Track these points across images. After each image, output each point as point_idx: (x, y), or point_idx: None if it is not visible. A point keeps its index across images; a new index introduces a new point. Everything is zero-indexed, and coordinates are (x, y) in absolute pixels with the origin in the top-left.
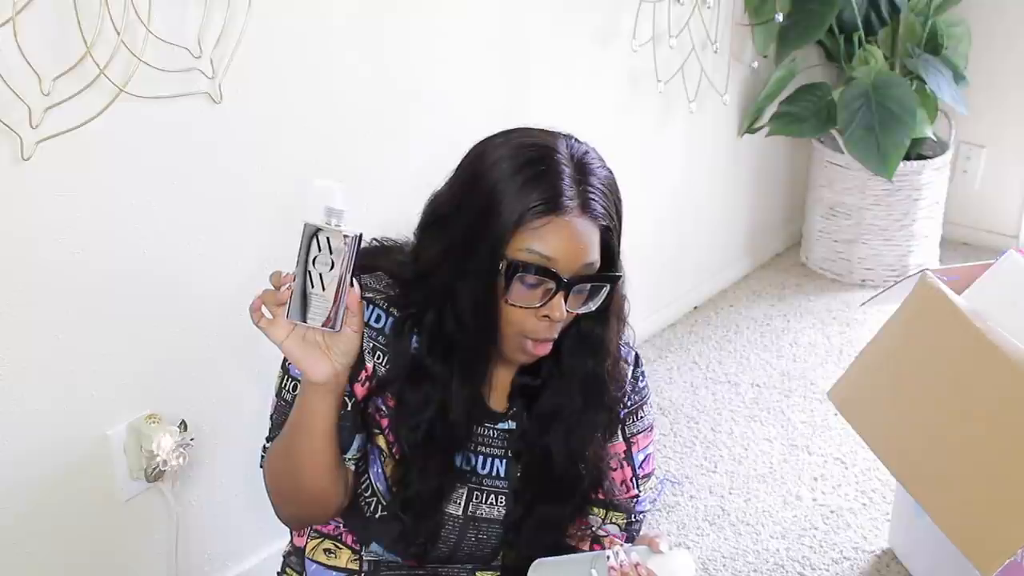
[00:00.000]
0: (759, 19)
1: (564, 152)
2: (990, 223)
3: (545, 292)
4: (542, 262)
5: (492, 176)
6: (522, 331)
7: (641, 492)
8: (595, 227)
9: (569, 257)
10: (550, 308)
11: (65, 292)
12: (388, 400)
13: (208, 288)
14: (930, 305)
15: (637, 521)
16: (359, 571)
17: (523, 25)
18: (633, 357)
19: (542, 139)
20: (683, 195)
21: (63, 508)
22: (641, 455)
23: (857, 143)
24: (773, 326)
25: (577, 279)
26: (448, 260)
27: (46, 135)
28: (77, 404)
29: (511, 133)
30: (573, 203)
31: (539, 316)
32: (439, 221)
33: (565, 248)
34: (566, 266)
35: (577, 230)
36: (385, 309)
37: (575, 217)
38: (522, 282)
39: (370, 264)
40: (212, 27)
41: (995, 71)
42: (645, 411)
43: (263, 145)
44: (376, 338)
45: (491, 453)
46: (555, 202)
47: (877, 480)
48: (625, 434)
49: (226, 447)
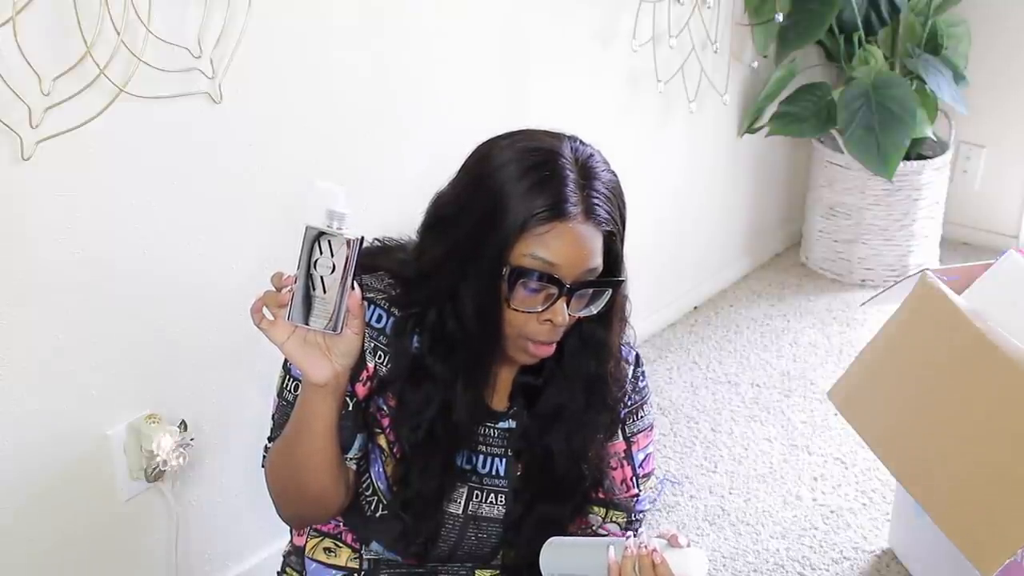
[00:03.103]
0: (759, 19)
1: (569, 156)
2: (990, 223)
3: (547, 297)
4: (545, 268)
5: (497, 179)
6: (524, 334)
7: (641, 491)
8: (598, 232)
9: (572, 263)
10: (552, 313)
11: (65, 292)
12: (389, 400)
13: (208, 288)
14: (930, 305)
15: (637, 520)
16: (359, 570)
17: (523, 25)
18: (634, 357)
19: (547, 142)
20: (683, 195)
21: (63, 508)
22: (641, 454)
23: (857, 143)
24: (773, 326)
25: (579, 284)
26: (451, 261)
27: (46, 135)
28: (77, 404)
29: (516, 135)
30: (577, 209)
31: (541, 320)
32: (442, 222)
33: (568, 254)
34: (569, 272)
35: (580, 236)
36: (386, 309)
37: (579, 223)
38: (525, 287)
39: (371, 264)
40: (212, 27)
41: (995, 71)
42: (645, 410)
43: (263, 145)
44: (377, 338)
45: (491, 452)
46: (559, 208)
47: (877, 480)
48: (625, 433)
49: (226, 447)
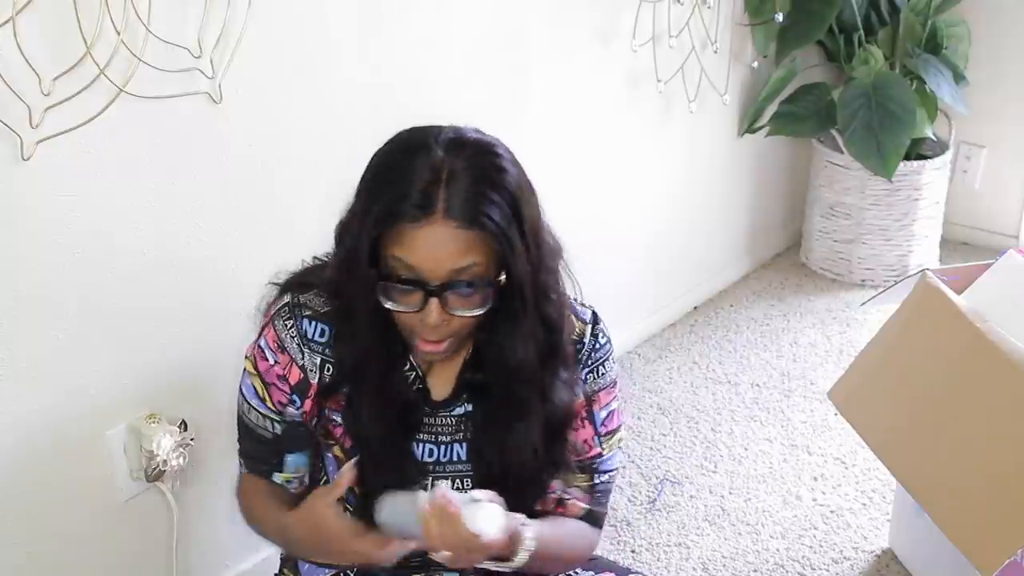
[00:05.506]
0: (759, 19)
1: (433, 153)
2: (990, 223)
3: (419, 297)
4: (405, 271)
5: (363, 182)
6: (412, 332)
7: (605, 450)
8: (467, 230)
9: (433, 262)
10: (424, 314)
11: (65, 292)
12: (338, 406)
13: (208, 288)
14: (930, 305)
15: (601, 482)
16: (352, 568)
17: (523, 24)
18: (590, 315)
19: (410, 140)
20: (683, 195)
21: (63, 508)
22: (604, 412)
23: (857, 143)
24: (773, 326)
25: (444, 285)
26: (342, 269)
27: (46, 135)
28: (77, 404)
29: (394, 136)
30: (436, 205)
31: (417, 321)
32: (338, 228)
33: (426, 255)
34: (433, 272)
35: (438, 235)
36: (327, 322)
37: (438, 222)
38: (394, 288)
39: (305, 282)
40: (212, 27)
41: (995, 71)
42: (607, 367)
43: (263, 145)
44: (323, 351)
45: (450, 440)
46: (410, 207)
47: (877, 480)
48: (586, 391)
49: (226, 447)
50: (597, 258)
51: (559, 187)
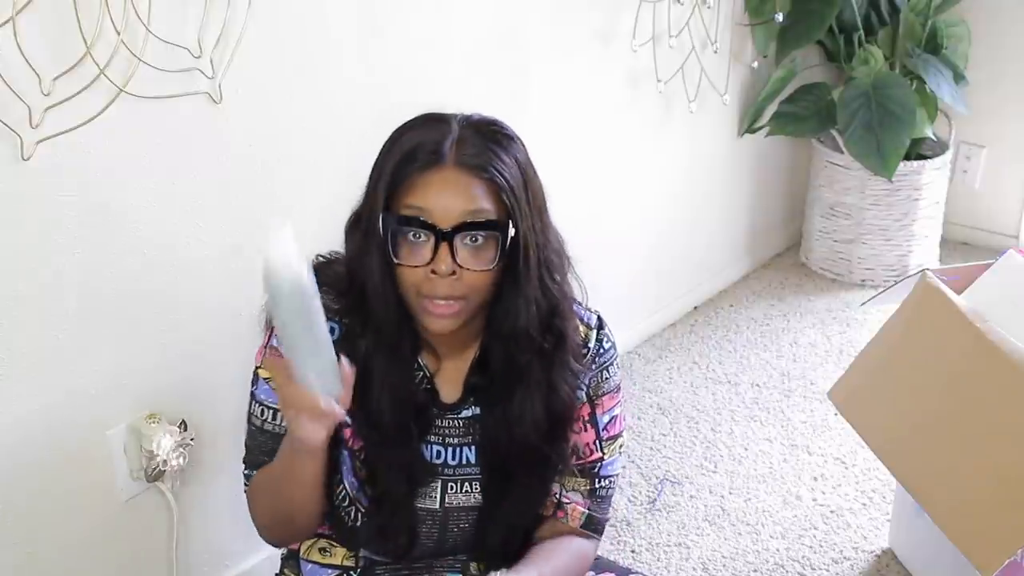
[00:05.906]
0: (759, 19)
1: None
2: (990, 223)
3: (430, 247)
4: (416, 213)
5: (380, 153)
6: (419, 291)
7: (606, 454)
8: (476, 178)
9: (444, 205)
10: (435, 262)
11: (65, 292)
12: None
13: (208, 288)
14: (930, 305)
15: (602, 487)
16: (355, 567)
17: (523, 24)
18: (595, 320)
19: (425, 117)
20: (683, 195)
21: (63, 508)
22: (606, 417)
23: (857, 143)
24: (773, 326)
25: (456, 228)
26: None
27: (46, 135)
28: (77, 404)
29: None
30: (446, 155)
31: (429, 273)
32: (351, 218)
33: (437, 197)
34: (443, 217)
35: (450, 179)
36: (337, 321)
37: (449, 168)
38: (405, 238)
39: None
40: (212, 27)
41: (995, 71)
42: (611, 372)
43: (263, 145)
44: None
45: (459, 443)
46: (425, 155)
47: (877, 480)
48: (590, 396)
49: (226, 447)
50: (597, 258)
51: (559, 187)
